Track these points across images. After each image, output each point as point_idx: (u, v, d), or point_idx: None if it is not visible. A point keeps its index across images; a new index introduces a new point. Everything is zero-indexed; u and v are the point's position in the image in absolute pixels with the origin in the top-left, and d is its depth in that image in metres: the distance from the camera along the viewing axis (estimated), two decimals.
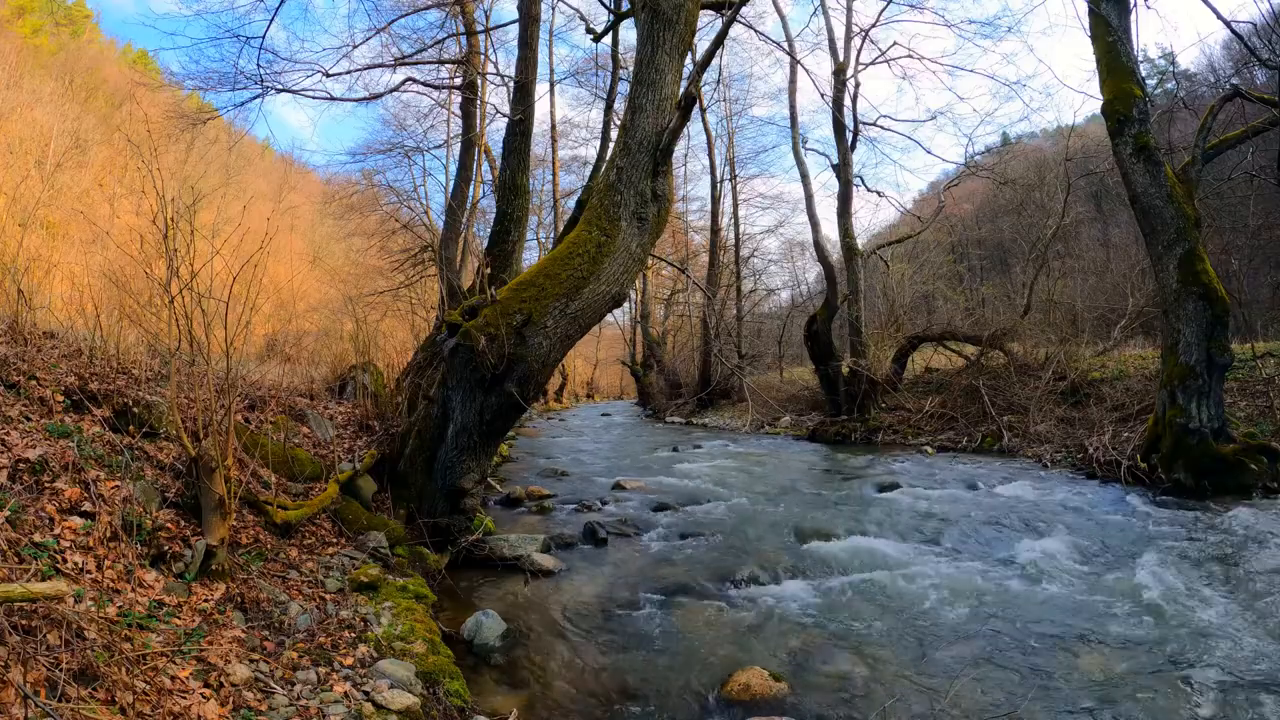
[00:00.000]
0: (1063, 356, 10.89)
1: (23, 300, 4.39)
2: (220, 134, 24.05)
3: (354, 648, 2.79)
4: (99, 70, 32.04)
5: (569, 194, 23.27)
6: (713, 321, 18.25)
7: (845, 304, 13.60)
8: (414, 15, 11.82)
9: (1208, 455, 6.13)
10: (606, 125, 12.28)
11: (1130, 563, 4.26)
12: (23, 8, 30.15)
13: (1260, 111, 7.14)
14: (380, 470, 5.24)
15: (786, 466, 8.88)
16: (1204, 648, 3.07)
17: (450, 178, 18.54)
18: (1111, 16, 6.94)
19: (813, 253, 15.18)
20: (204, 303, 3.41)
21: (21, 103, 25.05)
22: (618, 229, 4.81)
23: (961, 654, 3.16)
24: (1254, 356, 8.75)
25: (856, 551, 4.67)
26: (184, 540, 2.96)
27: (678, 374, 22.83)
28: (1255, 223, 14.94)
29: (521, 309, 4.59)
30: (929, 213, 18.19)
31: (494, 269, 7.30)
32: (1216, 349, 6.30)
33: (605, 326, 28.08)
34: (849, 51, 14.29)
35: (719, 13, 7.69)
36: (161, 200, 3.34)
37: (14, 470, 2.66)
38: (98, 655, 1.97)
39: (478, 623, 3.43)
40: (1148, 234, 6.82)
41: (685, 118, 4.92)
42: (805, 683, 2.93)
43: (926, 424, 11.22)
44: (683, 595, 3.98)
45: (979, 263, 33.83)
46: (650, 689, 2.93)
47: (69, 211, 22.66)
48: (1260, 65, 7.30)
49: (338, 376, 8.15)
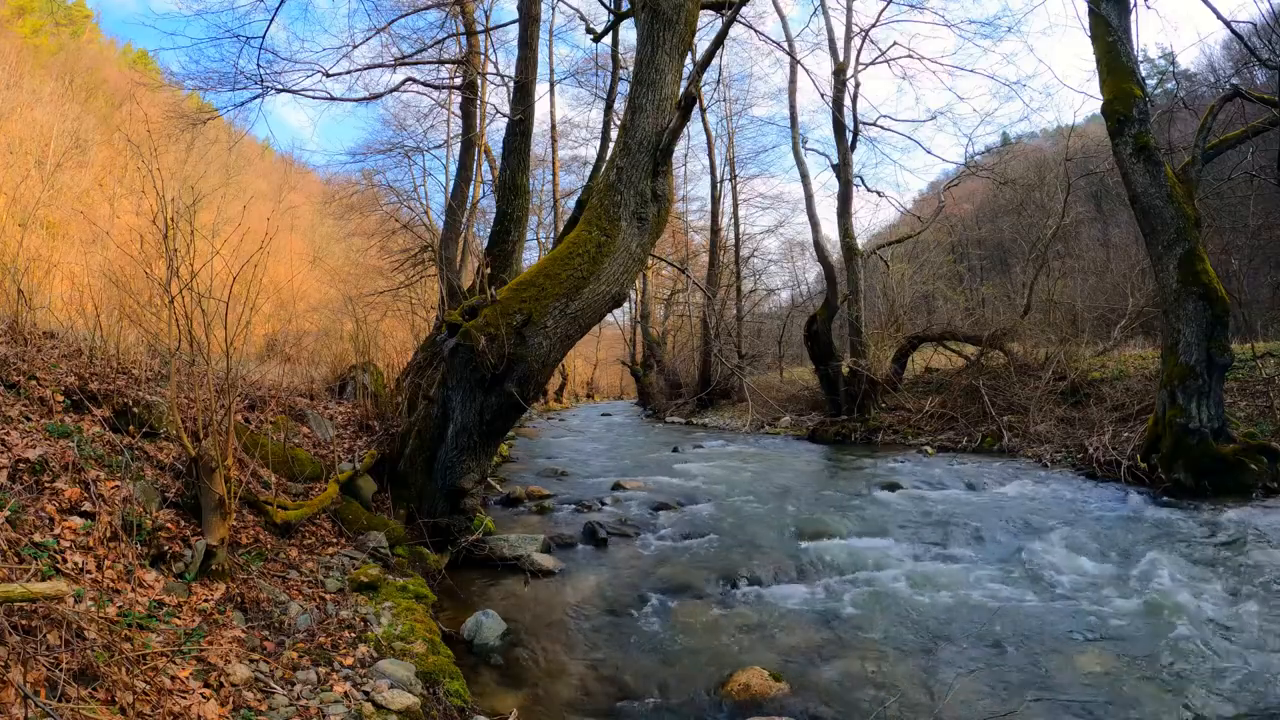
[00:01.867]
0: (1063, 356, 10.88)
1: (23, 300, 4.39)
2: (220, 134, 24.02)
3: (354, 648, 2.79)
4: (99, 70, 32.03)
5: (569, 194, 23.27)
6: (713, 321, 18.24)
7: (845, 304, 13.60)
8: (414, 15, 11.83)
9: (1208, 455, 6.14)
10: (606, 125, 12.28)
11: (1130, 562, 4.26)
12: (23, 8, 30.14)
13: (1260, 111, 7.14)
14: (380, 470, 5.24)
15: (786, 467, 8.88)
16: (1204, 648, 3.07)
17: (450, 178, 18.55)
18: (1111, 16, 6.94)
19: (813, 253, 15.20)
20: (204, 303, 3.41)
21: (21, 103, 25.03)
22: (618, 229, 4.81)
23: (961, 654, 3.16)
24: (1254, 356, 8.75)
25: (856, 551, 4.67)
26: (184, 540, 2.96)
27: (678, 374, 22.82)
28: (1255, 223, 14.93)
29: (521, 309, 4.59)
30: (929, 213, 18.19)
31: (494, 269, 7.30)
32: (1216, 349, 6.30)
33: (605, 326, 28.06)
34: (849, 51, 14.30)
35: (719, 13, 7.69)
36: (161, 200, 3.34)
37: (14, 470, 2.66)
38: (98, 655, 1.97)
39: (478, 623, 3.43)
40: (1148, 234, 6.82)
41: (685, 118, 4.92)
42: (805, 683, 2.93)
43: (926, 424, 11.22)
44: (683, 595, 3.98)
45: (979, 263, 33.81)
46: (650, 689, 2.93)
47: (69, 211, 22.65)
48: (1260, 65, 7.30)
49: (338, 376, 8.15)
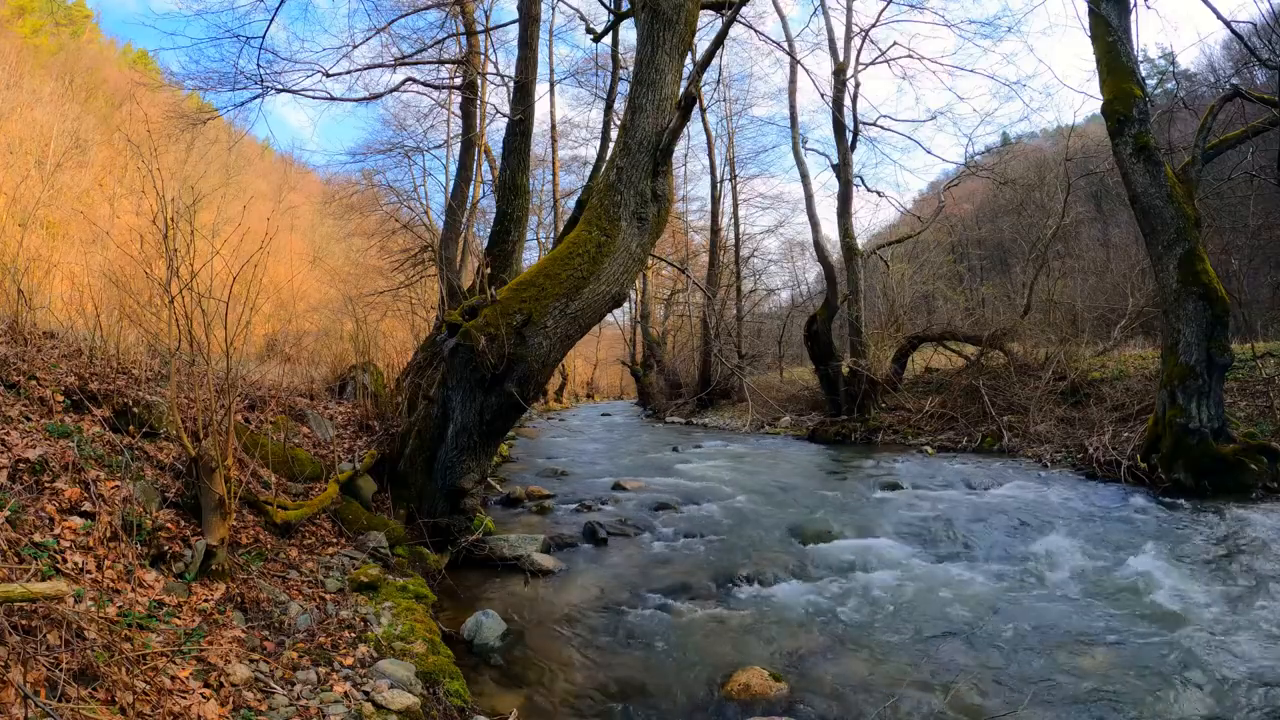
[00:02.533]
0: (1063, 356, 10.88)
1: (23, 300, 4.39)
2: (220, 134, 24.01)
3: (354, 648, 2.79)
4: (99, 70, 32.02)
5: (569, 194, 23.27)
6: (713, 321, 18.25)
7: (845, 304, 13.60)
8: (414, 15, 11.84)
9: (1208, 455, 6.14)
10: (606, 125, 12.28)
11: (1130, 562, 4.26)
12: (23, 8, 30.14)
13: (1260, 111, 7.14)
14: (380, 470, 5.24)
15: (786, 466, 8.88)
16: (1204, 648, 3.07)
17: (450, 178, 18.55)
18: (1111, 16, 6.94)
19: (813, 253, 15.20)
20: (204, 303, 3.41)
21: (21, 103, 25.04)
22: (618, 229, 4.81)
23: (961, 654, 3.16)
24: (1254, 356, 8.75)
25: (856, 552, 4.67)
26: (184, 540, 2.96)
27: (678, 374, 22.82)
28: (1255, 223, 14.93)
29: (521, 309, 4.59)
30: (929, 213, 18.19)
31: (494, 269, 7.30)
32: (1216, 349, 6.30)
33: (605, 326, 28.06)
34: (849, 51, 14.30)
35: (719, 13, 7.69)
36: (161, 200, 3.34)
37: (14, 470, 2.66)
38: (98, 655, 1.97)
39: (478, 623, 3.43)
40: (1148, 234, 6.82)
41: (685, 118, 4.92)
42: (805, 683, 2.93)
43: (926, 424, 11.22)
44: (683, 595, 3.98)
45: (979, 263, 33.81)
46: (650, 689, 2.93)
47: (69, 211, 22.66)
48: (1260, 65, 7.30)
49: (338, 376, 8.15)
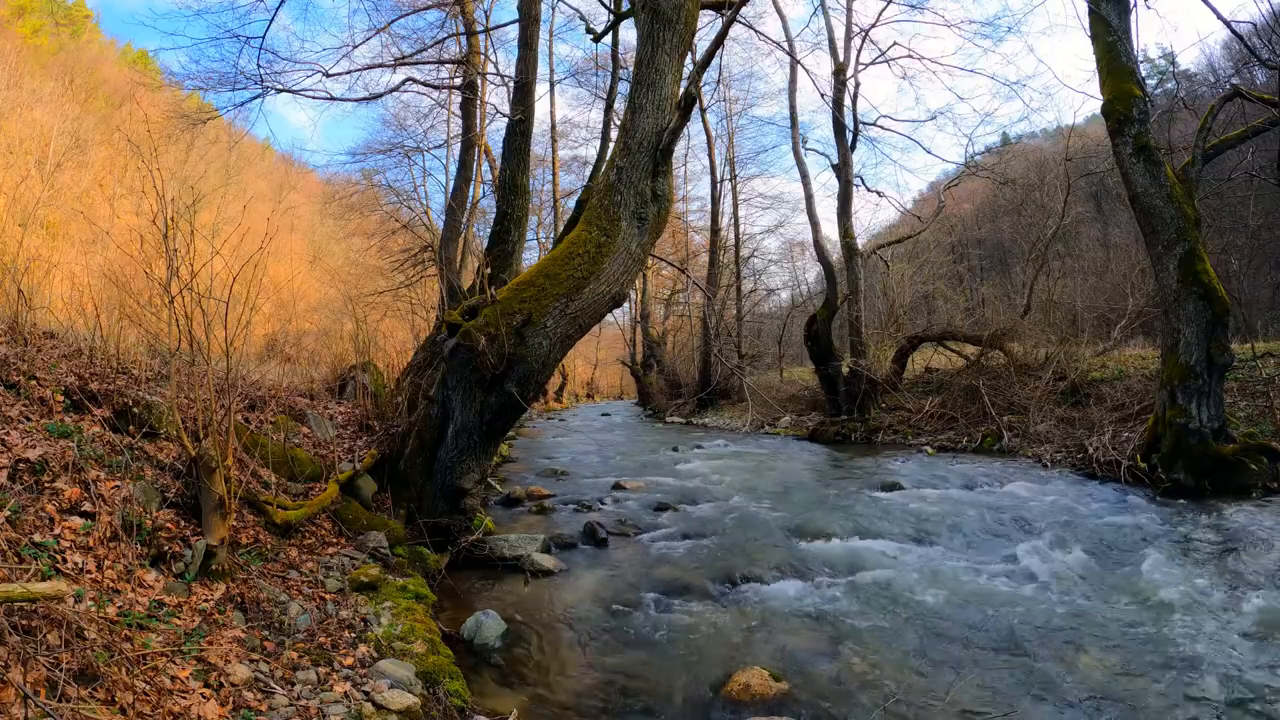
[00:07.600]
0: (1063, 356, 10.88)
1: (23, 300, 4.39)
2: (220, 134, 23.93)
3: (354, 648, 2.79)
4: (99, 70, 32.00)
5: (569, 194, 23.28)
6: (713, 321, 18.26)
7: (845, 304, 13.61)
8: (414, 15, 11.87)
9: (1208, 455, 6.14)
10: (606, 125, 12.28)
11: (1130, 563, 4.27)
12: (23, 8, 30.13)
13: (1260, 111, 7.14)
14: (380, 470, 5.24)
15: (786, 467, 8.88)
16: (1204, 648, 3.07)
17: (450, 178, 18.54)
18: (1111, 16, 6.94)
19: (813, 253, 15.21)
20: (204, 303, 3.41)
21: (21, 103, 25.01)
22: (618, 229, 4.81)
23: (961, 654, 3.16)
24: (1254, 356, 8.75)
25: (856, 552, 4.67)
26: (184, 540, 2.96)
27: (678, 374, 22.83)
28: (1255, 223, 14.92)
29: (521, 309, 4.59)
30: (929, 213, 18.21)
31: (494, 269, 7.30)
32: (1216, 349, 6.30)
33: (605, 326, 28.03)
34: (849, 51, 14.31)
35: (719, 13, 7.68)
36: (161, 200, 3.34)
37: (14, 470, 2.66)
38: (98, 655, 1.97)
39: (478, 622, 3.43)
40: (1148, 234, 6.82)
41: (685, 118, 4.92)
42: (805, 683, 2.93)
43: (926, 424, 11.21)
44: (683, 595, 3.98)
45: (979, 263, 33.83)
46: (650, 689, 2.93)
47: (69, 211, 22.65)
48: (1260, 65, 7.30)
49: (338, 376, 8.16)
